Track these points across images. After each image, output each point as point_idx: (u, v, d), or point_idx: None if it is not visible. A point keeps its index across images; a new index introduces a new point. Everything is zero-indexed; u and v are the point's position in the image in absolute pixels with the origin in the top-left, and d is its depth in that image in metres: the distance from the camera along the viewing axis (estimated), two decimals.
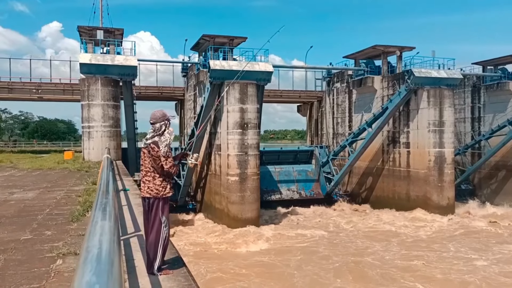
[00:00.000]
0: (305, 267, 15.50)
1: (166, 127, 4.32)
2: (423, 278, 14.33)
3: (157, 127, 4.29)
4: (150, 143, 4.30)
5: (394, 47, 27.57)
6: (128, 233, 5.80)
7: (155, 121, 4.30)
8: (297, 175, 29.20)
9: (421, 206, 24.43)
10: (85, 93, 22.80)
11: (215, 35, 24.63)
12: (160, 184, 4.30)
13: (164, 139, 4.26)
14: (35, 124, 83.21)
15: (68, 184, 12.29)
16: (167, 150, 4.24)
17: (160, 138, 4.28)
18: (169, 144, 4.30)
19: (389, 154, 27.18)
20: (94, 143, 22.67)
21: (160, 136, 4.28)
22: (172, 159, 4.27)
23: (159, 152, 4.23)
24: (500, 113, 28.98)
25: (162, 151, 4.23)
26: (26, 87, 29.50)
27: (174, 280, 4.06)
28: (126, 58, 22.95)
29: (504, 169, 29.11)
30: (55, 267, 4.34)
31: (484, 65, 31.41)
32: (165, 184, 4.33)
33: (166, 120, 4.32)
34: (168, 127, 4.35)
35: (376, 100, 27.99)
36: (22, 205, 8.53)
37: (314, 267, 15.50)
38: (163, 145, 4.24)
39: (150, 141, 4.30)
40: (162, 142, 4.25)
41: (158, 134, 4.29)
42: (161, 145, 4.24)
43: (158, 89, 31.40)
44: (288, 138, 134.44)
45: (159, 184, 4.30)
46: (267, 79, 22.95)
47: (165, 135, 4.29)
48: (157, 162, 4.27)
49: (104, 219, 2.03)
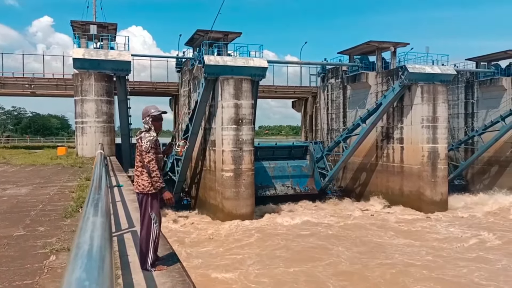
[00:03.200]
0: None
1: (150, 124, 4.40)
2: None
3: (143, 123, 4.46)
4: (137, 138, 4.46)
5: (388, 43, 27.63)
6: (122, 229, 5.79)
7: (143, 118, 4.46)
8: (291, 170, 29.24)
9: (414, 201, 24.60)
10: (79, 88, 22.64)
11: (210, 30, 24.53)
12: (147, 180, 4.36)
13: (148, 135, 4.37)
14: (28, 119, 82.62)
15: (61, 180, 12.23)
16: (148, 145, 4.31)
17: (145, 134, 4.39)
18: (152, 140, 4.35)
19: (383, 150, 27.29)
20: (88, 139, 22.54)
21: (146, 132, 4.40)
22: (152, 153, 4.32)
23: (142, 147, 4.35)
24: (493, 108, 29.18)
25: (143, 146, 4.33)
26: (19, 82, 29.24)
27: (168, 275, 4.07)
28: (119, 53, 22.81)
29: (496, 164, 29.35)
30: (48, 263, 4.33)
31: (477, 61, 31.57)
32: (151, 180, 4.36)
33: (147, 116, 4.41)
34: (151, 123, 4.41)
35: (370, 96, 28.06)
36: (15, 201, 8.48)
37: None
38: (145, 140, 4.34)
39: (138, 137, 4.46)
40: (145, 138, 4.35)
41: (145, 130, 4.42)
42: (144, 140, 4.35)
43: (152, 85, 31.23)
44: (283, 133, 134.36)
45: (146, 180, 4.39)
46: (262, 75, 22.92)
47: (150, 132, 4.39)
48: (143, 157, 4.37)
49: (96, 215, 2.03)
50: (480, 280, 13.49)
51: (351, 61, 30.12)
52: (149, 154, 4.30)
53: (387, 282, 13.48)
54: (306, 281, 13.44)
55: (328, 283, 13.34)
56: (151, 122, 4.41)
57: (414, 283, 13.27)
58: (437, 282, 13.33)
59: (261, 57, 23.52)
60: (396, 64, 27.00)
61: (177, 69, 29.88)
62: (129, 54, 23.22)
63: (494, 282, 13.29)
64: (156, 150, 4.38)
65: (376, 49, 28.13)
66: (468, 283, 13.36)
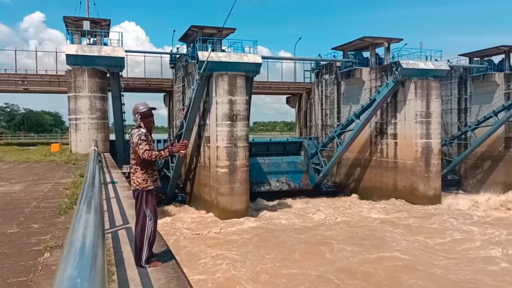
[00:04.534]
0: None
1: (139, 121, 4.43)
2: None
3: (133, 120, 4.50)
4: (129, 136, 4.53)
5: (382, 38, 27.68)
6: (117, 226, 5.80)
7: (133, 115, 4.50)
8: (286, 166, 29.31)
9: (408, 196, 24.77)
10: (72, 84, 22.50)
11: (204, 26, 24.46)
12: (141, 177, 4.39)
13: (137, 130, 4.41)
14: (21, 116, 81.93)
15: (55, 176, 12.19)
16: (138, 139, 4.34)
17: (134, 130, 4.44)
18: (141, 134, 4.37)
19: (376, 145, 27.41)
20: (82, 135, 22.44)
21: (135, 129, 4.45)
22: (145, 144, 4.33)
23: (133, 143, 4.40)
24: (486, 104, 29.35)
25: (134, 141, 4.37)
26: (12, 78, 28.96)
27: (162, 272, 4.09)
28: (113, 49, 22.67)
29: (489, 159, 29.57)
30: (43, 260, 4.34)
31: (470, 56, 31.72)
32: (145, 177, 4.42)
33: (136, 114, 4.45)
34: (139, 120, 4.43)
35: (364, 91, 28.13)
36: (8, 198, 8.45)
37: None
38: (135, 136, 4.38)
39: (130, 134, 4.52)
40: (134, 134, 4.40)
41: (136, 127, 4.46)
42: (134, 136, 4.39)
43: (146, 81, 31.09)
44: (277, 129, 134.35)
45: (140, 177, 4.42)
46: (256, 71, 22.91)
47: (140, 129, 4.42)
48: (137, 153, 4.39)
49: (88, 213, 2.04)
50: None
51: (345, 57, 30.16)
52: (142, 146, 4.31)
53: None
54: (304, 280, 13.37)
55: (328, 281, 13.23)
56: (140, 119, 4.42)
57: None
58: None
59: (255, 53, 23.48)
60: (390, 60, 27.07)
61: (171, 65, 29.76)
62: (123, 50, 23.08)
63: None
64: (148, 144, 4.37)
65: (370, 45, 28.17)
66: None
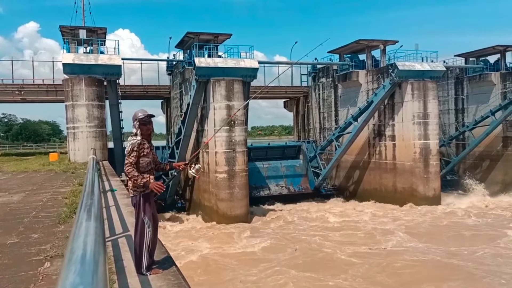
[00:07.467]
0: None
1: (137, 128, 4.39)
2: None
3: (132, 127, 4.46)
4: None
5: (378, 41, 27.80)
6: (117, 234, 5.77)
7: (132, 122, 4.46)
8: (285, 170, 29.30)
9: (407, 197, 24.77)
10: (69, 93, 22.48)
11: (200, 32, 24.54)
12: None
13: (131, 139, 4.39)
14: (18, 126, 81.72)
15: (54, 186, 12.15)
16: (130, 149, 4.32)
17: (130, 138, 4.43)
18: (135, 143, 4.32)
19: (375, 147, 27.44)
20: (80, 144, 22.39)
21: (132, 136, 4.43)
22: (132, 156, 4.28)
23: (126, 151, 4.38)
24: (483, 104, 29.46)
25: (126, 150, 4.36)
26: (9, 88, 28.95)
27: (164, 279, 4.07)
28: (110, 57, 22.69)
29: (488, 159, 29.63)
30: (43, 270, 4.31)
31: (466, 57, 31.87)
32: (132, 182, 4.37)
33: (135, 121, 4.41)
34: (137, 127, 4.39)
35: (361, 94, 28.21)
36: (7, 208, 8.41)
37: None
38: (128, 144, 4.37)
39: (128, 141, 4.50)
40: (128, 142, 4.39)
41: (133, 135, 4.43)
42: (127, 144, 4.39)
43: (144, 88, 31.11)
44: (276, 134, 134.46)
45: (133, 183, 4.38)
46: (253, 76, 22.96)
47: (136, 136, 4.39)
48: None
49: (89, 220, 2.04)
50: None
51: (342, 60, 30.26)
52: (128, 157, 4.29)
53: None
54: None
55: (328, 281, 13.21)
56: (138, 126, 4.38)
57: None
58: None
59: (252, 58, 23.55)
60: (386, 62, 27.18)
61: (168, 71, 29.81)
62: (120, 58, 23.11)
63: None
64: (142, 154, 4.34)
65: (366, 47, 28.29)
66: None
